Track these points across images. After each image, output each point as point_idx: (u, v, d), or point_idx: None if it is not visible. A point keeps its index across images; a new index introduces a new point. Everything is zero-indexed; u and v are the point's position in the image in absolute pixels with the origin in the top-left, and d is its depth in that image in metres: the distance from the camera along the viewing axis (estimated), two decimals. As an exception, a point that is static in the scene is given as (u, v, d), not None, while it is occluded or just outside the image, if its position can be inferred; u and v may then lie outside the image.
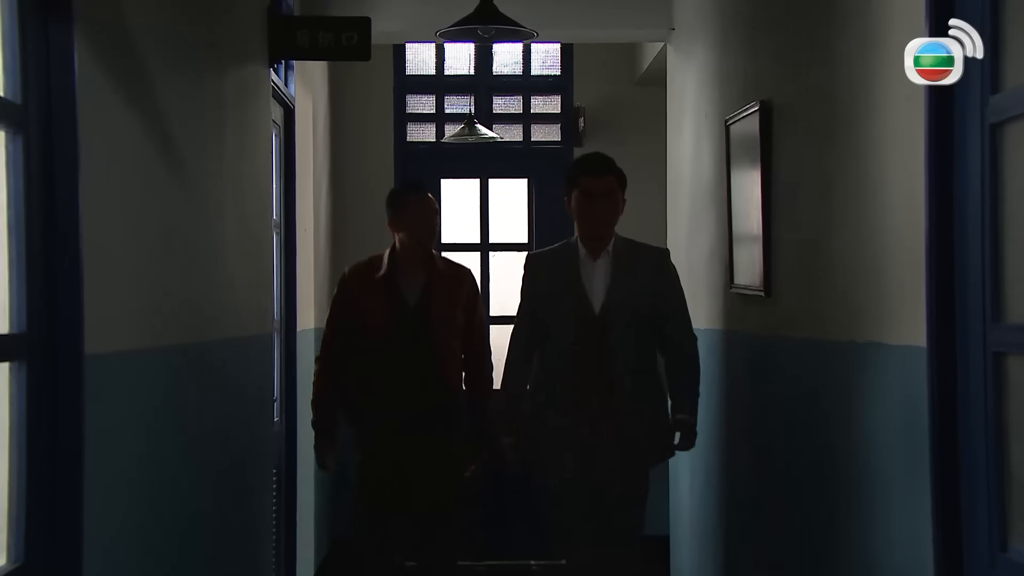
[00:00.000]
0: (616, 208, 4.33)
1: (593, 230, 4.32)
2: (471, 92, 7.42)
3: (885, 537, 2.91)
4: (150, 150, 2.95)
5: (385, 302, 4.44)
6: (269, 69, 4.70)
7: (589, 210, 4.30)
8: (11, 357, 2.26)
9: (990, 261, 2.38)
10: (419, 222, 4.50)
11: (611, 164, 4.34)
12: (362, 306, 4.46)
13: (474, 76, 7.45)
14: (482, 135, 6.87)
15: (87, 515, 2.37)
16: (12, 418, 2.28)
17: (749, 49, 4.39)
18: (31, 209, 2.31)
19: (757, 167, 4.06)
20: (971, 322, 2.44)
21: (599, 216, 4.30)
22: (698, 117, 5.29)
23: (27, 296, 2.29)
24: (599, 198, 4.29)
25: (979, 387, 2.42)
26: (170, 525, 3.03)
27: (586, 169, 4.35)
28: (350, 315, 4.49)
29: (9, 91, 2.28)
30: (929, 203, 2.52)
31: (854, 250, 3.14)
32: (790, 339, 3.80)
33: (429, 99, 7.44)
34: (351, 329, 4.48)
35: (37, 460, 2.31)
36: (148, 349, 2.88)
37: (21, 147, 2.29)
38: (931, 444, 2.52)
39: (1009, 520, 2.35)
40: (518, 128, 7.47)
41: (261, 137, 4.44)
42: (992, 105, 2.37)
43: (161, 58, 3.04)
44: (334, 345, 4.54)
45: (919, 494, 2.62)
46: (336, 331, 4.53)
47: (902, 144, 2.77)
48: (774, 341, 3.98)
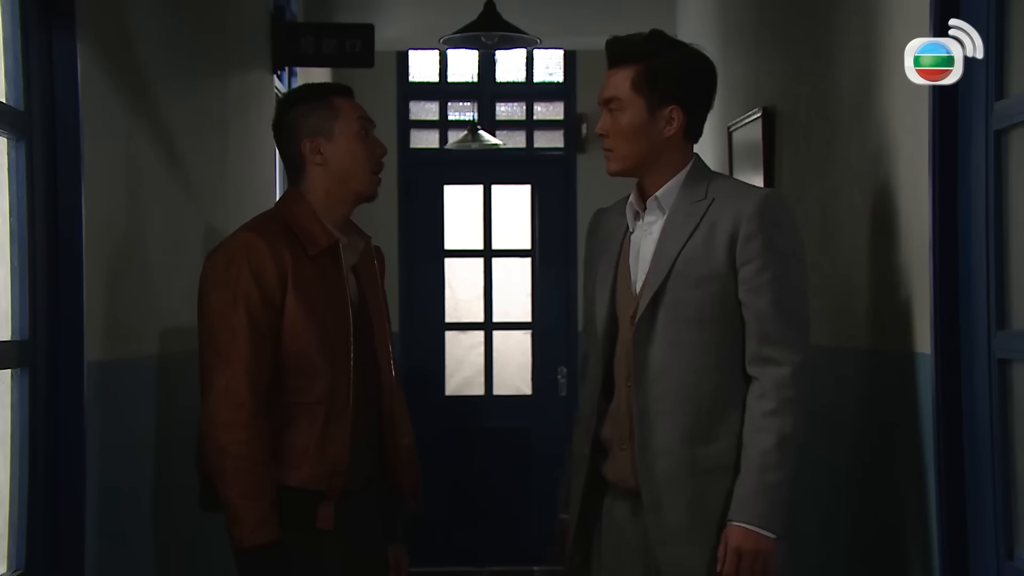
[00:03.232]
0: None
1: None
2: (474, 99, 7.41)
3: (887, 543, 2.90)
4: (153, 157, 2.94)
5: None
6: (273, 76, 4.70)
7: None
8: (13, 364, 2.25)
9: (995, 268, 2.38)
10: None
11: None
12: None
13: (477, 83, 7.44)
14: (485, 141, 6.87)
15: (88, 522, 2.37)
16: (13, 425, 2.28)
17: (751, 55, 4.39)
18: (34, 216, 2.31)
19: (760, 174, 4.06)
20: (976, 329, 2.43)
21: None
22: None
23: (29, 303, 2.29)
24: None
25: (984, 394, 2.41)
26: (172, 533, 3.03)
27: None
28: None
29: (12, 97, 2.28)
30: (934, 209, 2.51)
31: (858, 256, 3.13)
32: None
33: (432, 106, 7.44)
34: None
35: (38, 467, 2.30)
36: (150, 356, 2.88)
37: (24, 154, 2.29)
38: (935, 452, 2.51)
39: (1015, 528, 2.34)
40: (521, 135, 7.47)
41: (264, 144, 4.43)
42: (997, 111, 2.37)
43: (164, 65, 3.03)
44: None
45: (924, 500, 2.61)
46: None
47: (906, 150, 2.76)
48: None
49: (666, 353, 2.51)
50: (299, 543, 2.55)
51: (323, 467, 2.54)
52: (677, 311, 2.50)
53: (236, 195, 3.85)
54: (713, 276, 2.49)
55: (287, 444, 2.53)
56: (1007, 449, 2.35)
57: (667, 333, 2.51)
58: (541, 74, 7.50)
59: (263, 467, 2.48)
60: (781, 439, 2.44)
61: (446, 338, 7.13)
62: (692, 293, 2.50)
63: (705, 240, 2.50)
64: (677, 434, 2.50)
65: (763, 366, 2.48)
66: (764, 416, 2.45)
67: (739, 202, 2.51)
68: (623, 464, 2.58)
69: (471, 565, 6.87)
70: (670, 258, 2.52)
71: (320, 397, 2.55)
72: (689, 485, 2.50)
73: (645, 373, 2.52)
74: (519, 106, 7.49)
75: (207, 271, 2.58)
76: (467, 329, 7.20)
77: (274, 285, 2.52)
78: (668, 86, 2.55)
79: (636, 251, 2.60)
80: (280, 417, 2.55)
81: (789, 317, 2.49)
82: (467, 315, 7.19)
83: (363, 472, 2.64)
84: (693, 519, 2.50)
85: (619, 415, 2.59)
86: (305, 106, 2.68)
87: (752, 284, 2.48)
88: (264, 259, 2.52)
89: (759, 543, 2.43)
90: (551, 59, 7.45)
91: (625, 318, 2.58)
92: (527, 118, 7.48)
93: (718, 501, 2.49)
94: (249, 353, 2.49)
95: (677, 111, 2.55)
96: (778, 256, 2.48)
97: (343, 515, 2.58)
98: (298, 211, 2.63)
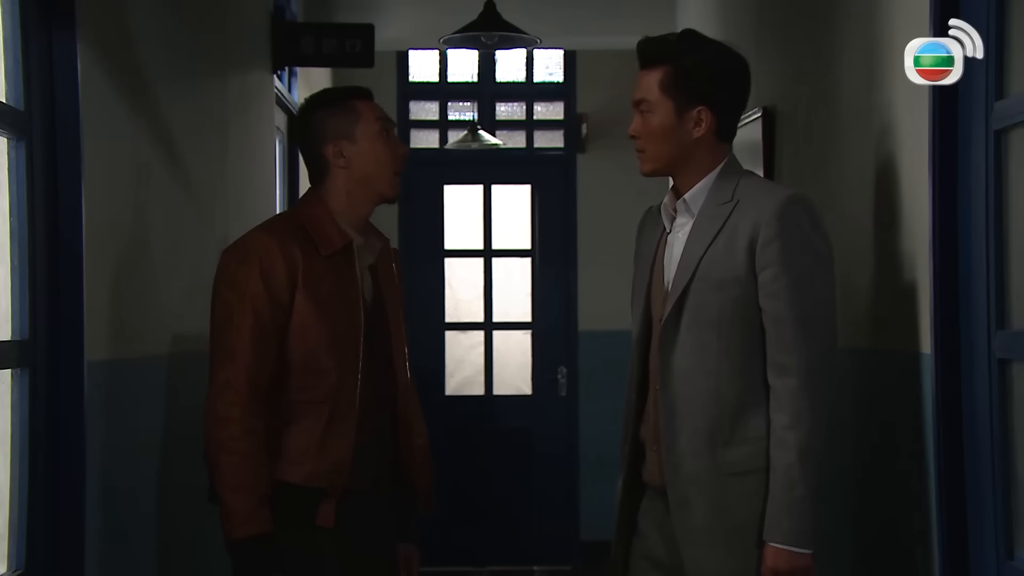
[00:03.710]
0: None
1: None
2: (474, 99, 7.42)
3: (888, 543, 2.90)
4: (153, 157, 2.94)
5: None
6: (273, 76, 4.70)
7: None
8: (13, 364, 2.25)
9: (995, 268, 2.38)
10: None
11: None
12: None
13: (477, 83, 7.44)
14: (485, 141, 6.87)
15: (88, 523, 2.37)
16: (13, 425, 2.28)
17: (752, 55, 4.38)
18: (34, 216, 2.30)
19: (760, 174, 4.05)
20: (976, 329, 2.43)
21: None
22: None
23: (29, 303, 2.29)
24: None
25: (984, 394, 2.41)
26: (172, 533, 3.03)
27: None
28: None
29: (12, 97, 2.28)
30: (933, 209, 2.51)
31: (858, 256, 3.13)
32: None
33: (432, 106, 7.44)
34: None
35: (38, 467, 2.30)
36: (150, 356, 2.88)
37: (24, 154, 2.29)
38: (936, 452, 2.51)
39: (1015, 528, 2.34)
40: (521, 134, 7.47)
41: (265, 143, 4.43)
42: (997, 111, 2.37)
43: (164, 65, 3.03)
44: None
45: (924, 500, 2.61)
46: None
47: (906, 150, 2.76)
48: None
49: (690, 356, 2.51)
50: (298, 540, 2.57)
51: (324, 465, 2.56)
52: (700, 315, 2.50)
53: (236, 195, 3.85)
54: (734, 280, 2.48)
55: (291, 441, 2.57)
56: (1007, 449, 2.35)
57: (691, 336, 2.51)
58: (541, 74, 7.50)
59: (257, 462, 2.51)
60: (800, 452, 2.44)
61: (446, 338, 7.14)
62: (714, 297, 2.49)
63: (727, 244, 2.49)
64: (700, 438, 2.50)
65: (778, 375, 2.47)
66: (784, 430, 2.45)
67: (761, 204, 2.49)
68: (653, 465, 2.59)
69: (471, 565, 6.87)
70: (694, 261, 2.51)
71: (326, 396, 2.57)
72: (714, 488, 2.50)
73: (671, 376, 2.53)
74: (519, 106, 7.49)
75: (220, 269, 2.63)
76: (467, 329, 7.21)
77: (283, 285, 2.55)
78: (697, 87, 2.53)
79: (670, 252, 2.61)
80: (286, 414, 2.58)
81: (804, 324, 2.46)
82: (467, 315, 7.20)
83: (370, 472, 2.64)
84: (717, 522, 2.49)
85: (650, 417, 2.60)
86: (326, 110, 2.71)
87: (770, 289, 2.47)
88: (274, 259, 2.55)
89: (794, 561, 2.44)
90: (551, 59, 7.45)
91: (656, 320, 2.60)
92: (527, 118, 7.48)
93: (744, 505, 2.49)
94: (252, 351, 2.53)
95: (705, 112, 2.54)
96: (797, 261, 2.46)
97: (345, 514, 2.59)
98: (316, 213, 2.66)
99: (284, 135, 5.25)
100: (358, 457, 2.59)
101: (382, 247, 2.78)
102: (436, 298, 7.11)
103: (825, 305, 2.52)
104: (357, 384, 2.59)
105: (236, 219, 3.81)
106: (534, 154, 7.41)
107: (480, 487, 6.96)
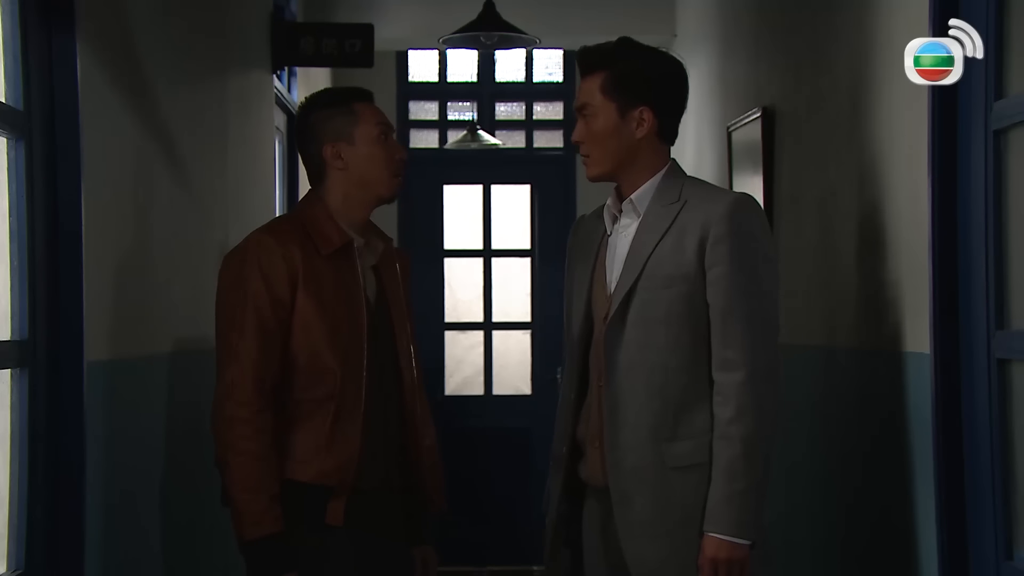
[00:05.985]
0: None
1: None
2: (474, 99, 7.41)
3: (887, 543, 2.90)
4: (153, 157, 2.94)
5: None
6: (272, 76, 4.70)
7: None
8: (13, 364, 2.26)
9: (994, 268, 2.38)
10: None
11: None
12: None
13: (477, 83, 7.44)
14: (485, 141, 6.87)
15: (88, 522, 2.37)
16: (13, 424, 2.28)
17: (751, 55, 4.39)
18: (34, 215, 2.31)
19: (759, 174, 4.06)
20: (975, 329, 2.44)
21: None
22: (700, 124, 5.28)
23: (29, 303, 2.29)
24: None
25: (983, 394, 2.41)
26: (172, 533, 3.03)
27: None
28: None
29: (12, 97, 2.28)
30: (933, 209, 2.51)
31: (857, 256, 3.13)
32: (794, 347, 3.79)
33: (432, 106, 7.44)
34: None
35: (38, 467, 2.30)
36: (150, 356, 2.88)
37: (24, 153, 2.29)
38: (935, 452, 2.51)
39: (1014, 528, 2.34)
40: (521, 134, 7.47)
41: (264, 143, 4.44)
42: (996, 111, 2.37)
43: (164, 65, 3.03)
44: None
45: (923, 501, 2.61)
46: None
47: (906, 150, 2.76)
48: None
49: (635, 352, 2.54)
50: (308, 539, 2.58)
51: (332, 463, 2.56)
52: (647, 311, 2.54)
53: (236, 195, 3.85)
54: (682, 277, 2.52)
55: (298, 440, 2.57)
56: (1007, 449, 2.35)
57: (637, 333, 2.54)
58: (540, 74, 7.50)
59: (266, 462, 2.51)
60: (744, 446, 2.45)
61: (446, 338, 7.13)
62: (661, 294, 2.53)
63: (675, 242, 2.53)
64: (644, 432, 2.53)
65: (723, 370, 2.50)
66: (727, 424, 2.47)
67: (710, 206, 2.53)
68: (594, 462, 2.61)
69: (471, 565, 6.87)
70: (642, 259, 2.55)
71: (331, 394, 2.57)
72: (657, 482, 2.52)
73: (615, 372, 2.56)
74: (518, 106, 7.49)
75: (222, 272, 2.64)
76: (467, 329, 7.21)
77: (284, 284, 2.56)
78: (636, 88, 2.60)
79: (612, 253, 2.64)
80: (292, 413, 2.58)
81: (751, 320, 2.50)
82: (467, 315, 7.20)
83: (378, 471, 2.64)
84: (659, 515, 2.51)
85: (591, 414, 2.63)
86: (326, 111, 2.71)
87: (718, 287, 2.50)
88: (274, 259, 2.56)
89: (732, 552, 2.46)
90: (550, 59, 7.45)
91: (599, 319, 2.63)
92: (526, 118, 7.48)
93: (687, 500, 2.51)
94: (256, 351, 2.53)
95: (647, 112, 2.59)
96: (745, 259, 2.51)
97: (354, 512, 2.59)
98: (315, 212, 2.67)
99: (284, 135, 5.25)
100: (366, 455, 2.59)
101: (384, 248, 2.79)
102: (435, 298, 7.11)
103: (773, 303, 2.57)
104: (362, 382, 2.60)
105: (236, 219, 3.81)
106: (533, 154, 7.42)
107: (480, 487, 6.96)
